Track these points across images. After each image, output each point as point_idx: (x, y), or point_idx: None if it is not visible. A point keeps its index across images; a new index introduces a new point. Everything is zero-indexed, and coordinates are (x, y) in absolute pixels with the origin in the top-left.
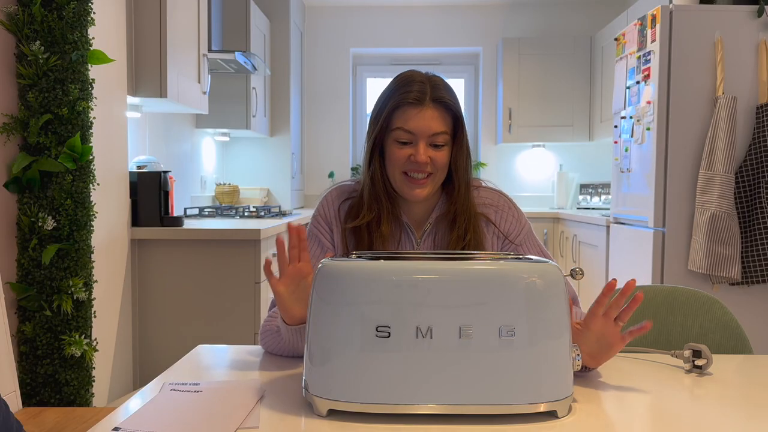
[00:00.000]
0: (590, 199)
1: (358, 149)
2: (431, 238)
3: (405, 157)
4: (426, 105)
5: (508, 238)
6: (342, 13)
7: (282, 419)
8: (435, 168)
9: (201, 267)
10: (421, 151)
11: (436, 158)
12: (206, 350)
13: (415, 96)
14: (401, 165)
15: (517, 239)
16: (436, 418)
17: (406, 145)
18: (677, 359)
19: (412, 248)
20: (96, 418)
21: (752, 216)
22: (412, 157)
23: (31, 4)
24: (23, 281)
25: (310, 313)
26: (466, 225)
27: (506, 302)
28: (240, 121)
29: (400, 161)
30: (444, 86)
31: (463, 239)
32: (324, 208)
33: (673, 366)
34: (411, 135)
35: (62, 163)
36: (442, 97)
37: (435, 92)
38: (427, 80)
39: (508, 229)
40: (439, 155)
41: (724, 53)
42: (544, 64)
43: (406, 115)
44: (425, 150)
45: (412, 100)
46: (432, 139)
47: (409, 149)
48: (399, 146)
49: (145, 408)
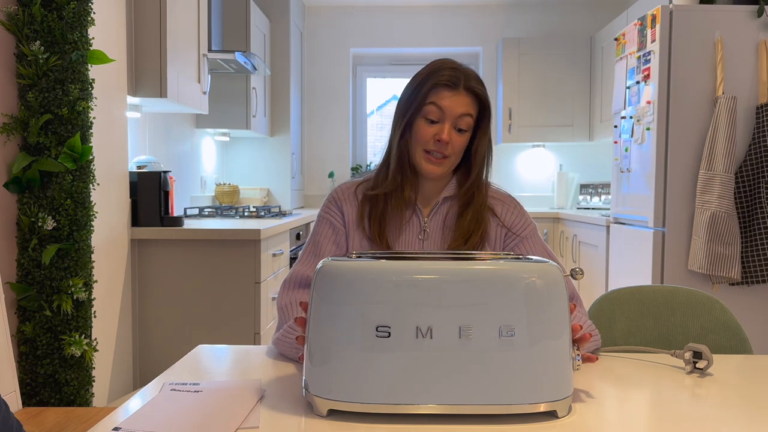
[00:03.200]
0: (590, 199)
1: (358, 149)
2: (439, 217)
3: (431, 135)
4: (459, 90)
5: (511, 230)
6: (342, 13)
7: (282, 419)
8: (453, 150)
9: (201, 267)
10: (446, 130)
11: (455, 141)
12: (206, 350)
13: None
14: (425, 143)
15: (522, 233)
16: (436, 418)
17: (434, 124)
18: (678, 359)
19: (420, 227)
20: (96, 418)
21: (752, 216)
22: (436, 136)
23: (31, 4)
24: (23, 281)
25: (310, 313)
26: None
27: (506, 302)
28: (240, 121)
29: (426, 138)
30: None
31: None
32: (336, 193)
33: (674, 366)
34: (441, 113)
35: (62, 163)
36: (474, 87)
37: (468, 81)
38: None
39: (511, 222)
40: (459, 139)
41: (724, 53)
42: (544, 64)
43: (440, 94)
44: (450, 131)
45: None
46: (457, 121)
47: (435, 128)
48: (426, 123)
49: (145, 408)
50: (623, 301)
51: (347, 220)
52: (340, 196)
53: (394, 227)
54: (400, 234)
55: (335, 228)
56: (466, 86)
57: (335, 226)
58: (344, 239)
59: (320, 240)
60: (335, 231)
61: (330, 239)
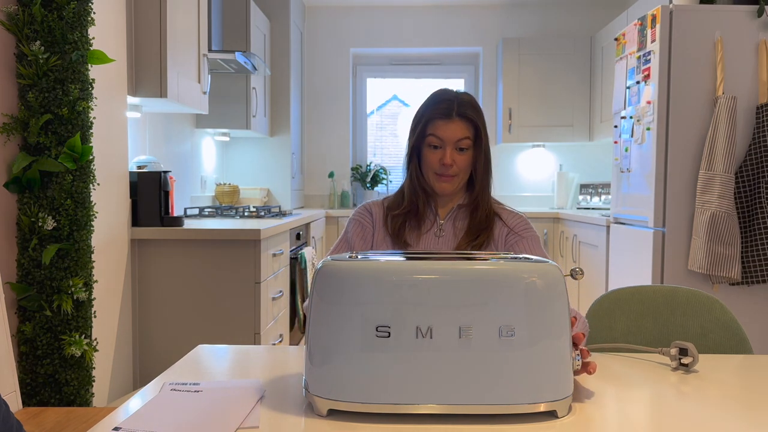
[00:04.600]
0: (590, 199)
1: (358, 149)
2: (452, 220)
3: (437, 159)
4: (453, 118)
5: (513, 230)
6: (342, 13)
7: (282, 419)
8: (458, 169)
9: (201, 267)
10: (448, 154)
11: (459, 161)
12: (206, 350)
13: (444, 112)
14: (433, 167)
15: (522, 233)
16: (436, 418)
17: (437, 149)
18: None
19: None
20: (96, 418)
21: (752, 216)
22: (441, 160)
23: (31, 4)
24: (23, 281)
25: (310, 312)
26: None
27: (506, 302)
28: (240, 121)
29: (432, 163)
30: (468, 103)
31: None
32: (367, 203)
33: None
34: (440, 141)
35: (62, 163)
36: (465, 113)
37: (460, 108)
38: (455, 98)
39: (514, 224)
40: (462, 158)
41: (724, 53)
42: (544, 64)
43: (436, 125)
44: (452, 153)
45: (441, 115)
46: (457, 144)
47: (439, 153)
48: (432, 150)
49: (145, 408)
50: (623, 301)
51: (375, 219)
52: (370, 205)
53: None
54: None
55: (364, 226)
56: (458, 114)
57: (364, 225)
58: (371, 235)
59: (351, 237)
60: (363, 228)
61: (359, 236)
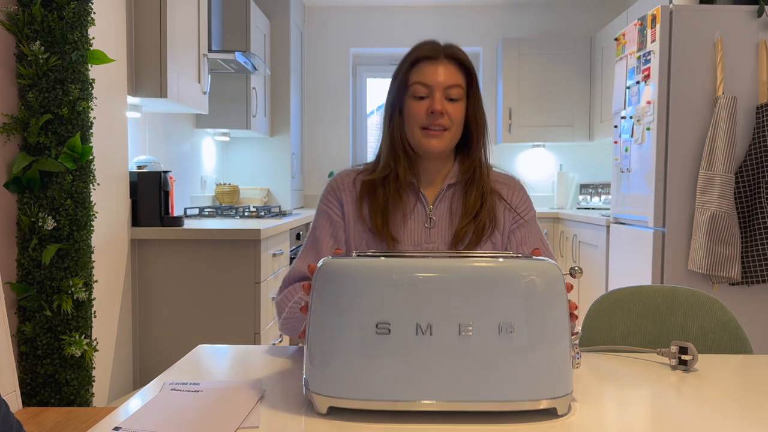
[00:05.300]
0: (590, 199)
1: (358, 149)
2: (444, 204)
3: (423, 110)
4: (440, 60)
5: (518, 212)
6: (342, 13)
7: (282, 419)
8: (451, 121)
9: (201, 267)
10: (437, 100)
11: (451, 111)
12: (206, 350)
13: (430, 52)
14: (420, 120)
15: (526, 216)
16: (436, 415)
17: (423, 100)
18: (666, 357)
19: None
20: (96, 418)
21: (752, 216)
22: (429, 109)
23: (31, 4)
24: (23, 281)
25: (310, 311)
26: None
27: (506, 300)
28: (240, 121)
29: (419, 115)
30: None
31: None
32: (335, 182)
33: (667, 365)
34: (427, 88)
35: (62, 163)
36: (455, 53)
37: (448, 49)
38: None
39: (517, 203)
40: (455, 108)
41: (724, 53)
42: (544, 64)
43: (422, 70)
44: (441, 100)
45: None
46: (447, 92)
47: (426, 102)
48: (417, 101)
49: (145, 408)
50: (623, 301)
51: (346, 212)
52: (339, 185)
53: (398, 217)
54: (405, 223)
55: (333, 221)
56: (446, 54)
57: (333, 219)
58: (343, 232)
59: (319, 235)
60: (333, 224)
61: (328, 233)
